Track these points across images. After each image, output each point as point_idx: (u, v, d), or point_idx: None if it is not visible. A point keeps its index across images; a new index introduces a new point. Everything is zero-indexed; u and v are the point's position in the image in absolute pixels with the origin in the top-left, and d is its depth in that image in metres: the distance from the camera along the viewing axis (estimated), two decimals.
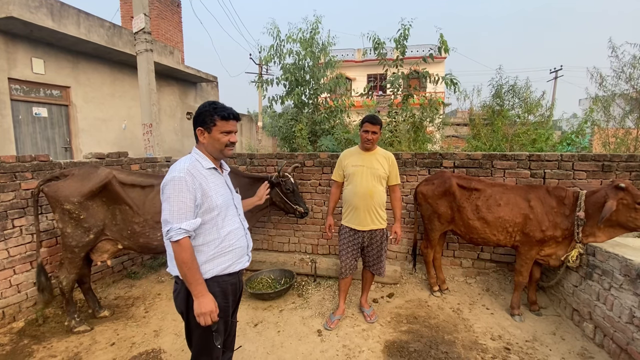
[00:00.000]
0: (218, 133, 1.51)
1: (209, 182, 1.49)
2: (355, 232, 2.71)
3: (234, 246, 1.56)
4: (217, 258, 1.51)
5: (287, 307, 3.11)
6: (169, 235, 1.38)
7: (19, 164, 2.81)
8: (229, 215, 1.56)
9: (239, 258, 1.60)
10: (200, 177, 1.46)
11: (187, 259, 1.39)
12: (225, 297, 1.55)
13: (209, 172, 1.52)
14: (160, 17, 9.27)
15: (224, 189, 1.58)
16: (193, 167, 1.46)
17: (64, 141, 6.70)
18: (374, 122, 2.59)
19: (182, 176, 1.40)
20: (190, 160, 1.50)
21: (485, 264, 3.61)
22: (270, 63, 6.28)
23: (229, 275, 1.55)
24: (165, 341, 2.59)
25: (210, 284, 1.47)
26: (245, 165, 4.19)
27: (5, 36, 5.54)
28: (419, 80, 5.89)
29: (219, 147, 1.54)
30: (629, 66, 4.93)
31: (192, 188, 1.41)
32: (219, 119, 1.50)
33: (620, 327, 2.18)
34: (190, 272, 1.40)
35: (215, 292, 1.48)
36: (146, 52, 5.00)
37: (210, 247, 1.49)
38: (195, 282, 1.41)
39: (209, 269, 1.49)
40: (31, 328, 2.74)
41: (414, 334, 2.65)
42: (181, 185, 1.39)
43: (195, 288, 1.41)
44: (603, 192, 2.52)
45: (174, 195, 1.39)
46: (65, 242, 2.61)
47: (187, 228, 1.38)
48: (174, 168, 1.45)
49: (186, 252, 1.39)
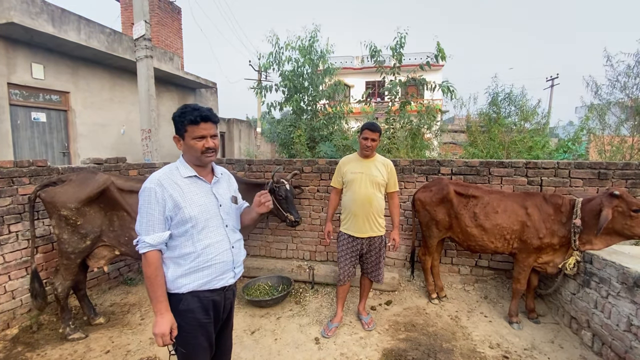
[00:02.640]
0: (190, 139, 1.40)
1: (184, 192, 1.39)
2: (354, 239, 2.70)
3: (213, 261, 1.44)
4: (194, 273, 1.41)
5: (284, 315, 3.09)
6: (138, 247, 1.35)
7: (17, 169, 2.80)
8: (209, 227, 1.44)
9: (220, 274, 1.47)
10: (173, 188, 1.37)
11: (149, 274, 1.34)
12: (206, 313, 1.45)
13: (187, 180, 1.43)
14: (160, 24, 9.35)
15: (206, 199, 1.45)
16: (166, 177, 1.39)
17: (62, 146, 6.69)
18: (373, 129, 2.60)
19: (152, 187, 1.35)
20: (169, 168, 1.43)
21: (483, 271, 3.61)
22: (269, 70, 6.34)
23: (210, 291, 1.45)
24: (160, 349, 2.56)
25: (188, 299, 1.40)
26: (243, 171, 4.19)
27: (5, 41, 5.57)
28: (416, 88, 5.96)
29: (195, 155, 1.42)
30: (624, 75, 5.00)
31: (161, 199, 1.34)
32: (187, 123, 1.38)
33: (618, 335, 2.18)
34: (152, 288, 1.34)
35: (194, 308, 1.41)
36: (146, 59, 5.03)
37: (187, 261, 1.40)
38: (156, 299, 1.34)
39: (185, 283, 1.40)
40: (25, 335, 2.70)
41: (412, 342, 2.63)
42: (150, 197, 1.34)
43: (155, 305, 1.34)
44: (599, 199, 2.54)
45: (143, 206, 1.35)
46: (61, 248, 2.59)
47: (150, 242, 1.33)
48: (149, 178, 1.38)
49: (150, 266, 1.34)
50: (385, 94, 5.89)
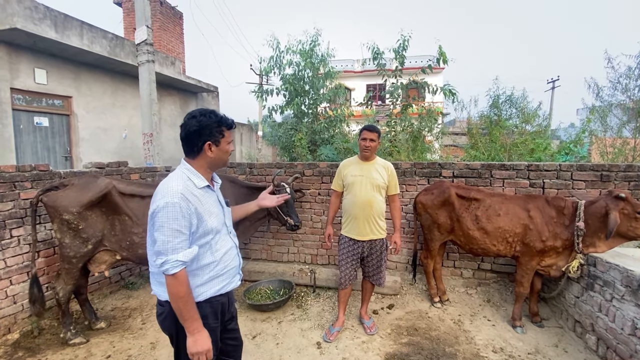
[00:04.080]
0: (225, 144, 1.43)
1: (203, 204, 1.38)
2: (355, 242, 2.69)
3: (228, 267, 1.49)
4: (212, 280, 1.43)
5: (286, 319, 3.08)
6: (164, 269, 1.26)
7: (19, 173, 2.81)
8: (222, 235, 1.47)
9: (231, 278, 1.53)
10: (195, 201, 1.34)
11: (183, 294, 1.27)
12: (216, 318, 1.47)
13: (202, 191, 1.40)
14: (162, 29, 9.42)
15: (217, 208, 1.47)
16: (186, 190, 1.32)
17: (64, 150, 6.72)
18: (371, 130, 2.63)
19: (177, 202, 1.27)
20: (183, 180, 1.35)
21: (485, 274, 3.59)
22: (270, 73, 6.37)
23: (220, 295, 1.47)
24: (162, 354, 2.55)
25: (202, 306, 1.39)
26: (244, 174, 4.19)
27: (9, 47, 5.62)
28: (417, 91, 5.96)
29: (225, 159, 1.47)
30: (625, 77, 5.00)
31: (187, 214, 1.29)
32: (226, 129, 1.42)
33: (623, 339, 2.16)
34: (187, 308, 1.28)
35: (207, 314, 1.41)
36: (148, 63, 5.07)
37: (206, 272, 1.40)
38: (191, 318, 1.29)
39: (202, 291, 1.40)
40: (26, 340, 2.70)
41: (415, 347, 2.61)
42: (175, 213, 1.26)
43: (191, 325, 1.29)
44: (602, 202, 2.52)
45: (167, 223, 1.25)
46: (62, 252, 2.59)
47: (183, 259, 1.27)
48: (166, 191, 1.29)
49: (182, 285, 1.27)
50: (387, 97, 5.90)
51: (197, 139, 1.38)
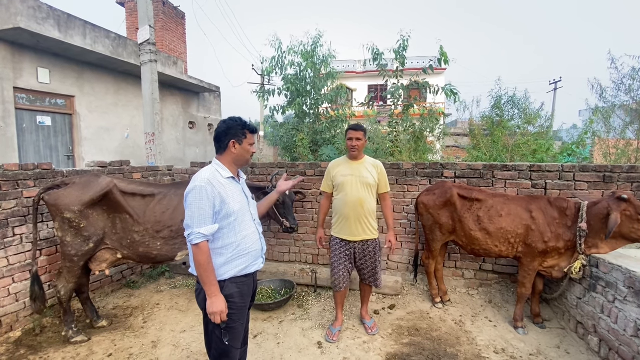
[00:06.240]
0: (247, 145, 1.71)
1: (227, 190, 1.62)
2: (346, 243, 2.67)
3: (250, 249, 1.69)
4: (235, 260, 1.64)
5: (287, 318, 3.08)
6: (190, 239, 1.53)
7: (22, 172, 2.82)
8: (245, 221, 1.69)
9: (254, 260, 1.73)
10: (219, 186, 1.59)
11: (203, 262, 1.53)
12: (243, 298, 1.68)
13: (227, 181, 1.65)
14: (165, 29, 9.45)
15: (241, 196, 1.71)
16: (213, 177, 1.60)
17: (67, 149, 6.74)
18: (357, 129, 2.64)
19: (203, 185, 1.54)
20: (211, 170, 1.64)
21: (487, 275, 3.58)
22: (272, 74, 6.37)
23: (245, 276, 1.69)
24: (163, 352, 2.56)
25: (229, 285, 1.62)
26: (246, 174, 4.19)
27: (12, 46, 5.64)
28: (419, 91, 5.95)
29: (247, 157, 1.74)
30: (629, 78, 4.97)
31: (211, 196, 1.55)
32: (248, 132, 1.70)
33: (626, 341, 2.14)
34: (206, 274, 1.54)
35: (233, 293, 1.63)
36: (150, 63, 5.08)
37: (229, 250, 1.62)
38: (210, 283, 1.54)
39: (227, 270, 1.62)
40: (28, 338, 2.71)
41: (416, 347, 2.61)
42: (201, 194, 1.53)
43: (209, 289, 1.55)
44: (605, 203, 2.51)
45: (195, 202, 1.53)
46: (64, 250, 2.60)
47: (205, 233, 1.52)
48: (197, 178, 1.58)
49: (203, 255, 1.53)
50: (388, 98, 5.89)
51: (224, 137, 1.67)
